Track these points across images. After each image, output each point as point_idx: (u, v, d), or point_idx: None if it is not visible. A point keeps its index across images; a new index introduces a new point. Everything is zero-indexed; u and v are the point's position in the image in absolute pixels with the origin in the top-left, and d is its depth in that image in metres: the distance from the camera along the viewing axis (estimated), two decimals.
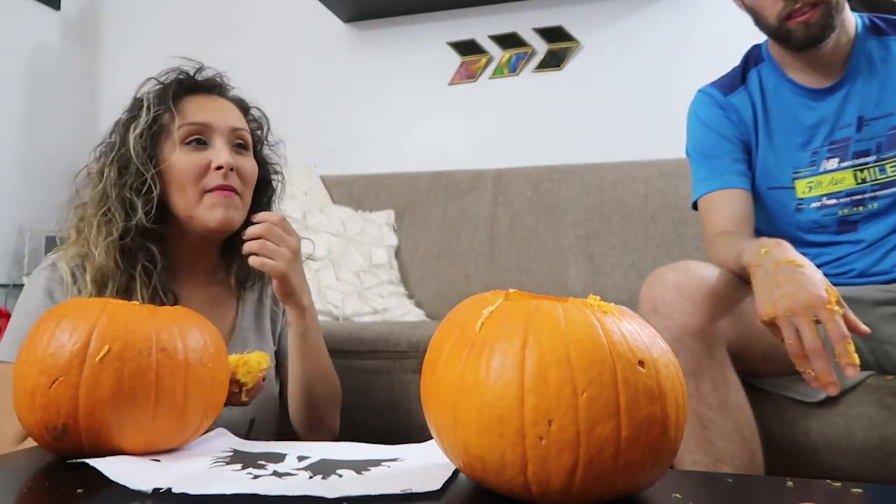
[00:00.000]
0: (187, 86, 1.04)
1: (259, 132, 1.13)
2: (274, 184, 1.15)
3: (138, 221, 0.95)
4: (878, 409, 1.06)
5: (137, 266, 0.95)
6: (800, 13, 1.14)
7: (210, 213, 0.98)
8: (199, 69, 1.07)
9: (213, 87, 1.08)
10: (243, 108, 1.10)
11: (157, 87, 1.03)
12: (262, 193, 1.11)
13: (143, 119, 0.99)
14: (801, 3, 1.13)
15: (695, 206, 1.31)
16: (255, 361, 0.86)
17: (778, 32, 1.19)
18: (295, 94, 2.45)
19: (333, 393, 1.08)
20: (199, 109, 1.02)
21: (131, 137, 0.98)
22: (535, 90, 2.22)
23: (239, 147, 1.03)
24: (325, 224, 1.94)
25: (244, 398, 0.85)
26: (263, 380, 0.89)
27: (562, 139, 2.16)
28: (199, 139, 1.00)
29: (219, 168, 0.98)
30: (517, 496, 0.54)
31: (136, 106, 1.02)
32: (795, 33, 1.16)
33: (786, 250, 0.96)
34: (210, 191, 0.98)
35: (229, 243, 1.07)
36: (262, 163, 1.12)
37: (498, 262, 1.90)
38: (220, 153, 0.99)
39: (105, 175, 0.99)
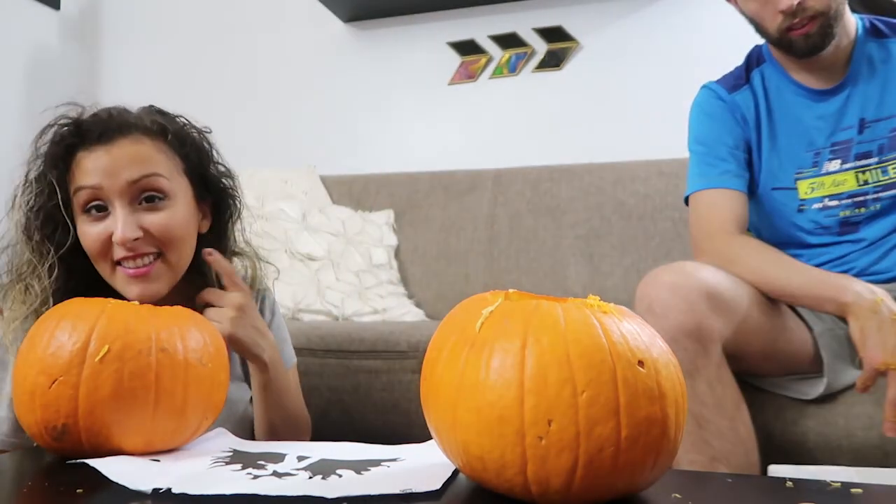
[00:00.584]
0: (72, 142, 0.90)
1: (196, 153, 0.97)
2: (231, 203, 1.02)
3: (49, 296, 0.86)
4: (878, 409, 1.06)
5: None
6: (799, 26, 1.15)
7: (126, 288, 0.88)
8: (82, 113, 0.93)
9: (106, 132, 0.90)
10: (161, 133, 0.93)
11: (43, 149, 0.92)
12: (219, 219, 1.01)
13: (25, 199, 0.90)
14: (800, 17, 1.15)
15: (687, 200, 1.30)
16: None
17: (779, 43, 1.21)
18: (295, 94, 2.45)
19: (301, 430, 1.02)
20: (90, 169, 0.88)
21: (16, 221, 0.90)
22: (535, 90, 2.22)
23: (151, 199, 0.89)
24: (325, 224, 1.94)
25: None
26: None
27: (561, 139, 2.16)
28: (99, 205, 0.88)
29: (123, 241, 0.86)
30: (517, 496, 0.54)
31: (40, 170, 0.91)
32: (796, 44, 1.18)
33: None
34: (120, 263, 0.88)
35: (194, 275, 0.98)
36: (210, 185, 0.99)
37: (498, 262, 1.90)
38: (118, 223, 0.86)
39: (16, 249, 0.91)
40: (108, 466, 0.62)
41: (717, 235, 1.20)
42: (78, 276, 0.91)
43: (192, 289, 0.97)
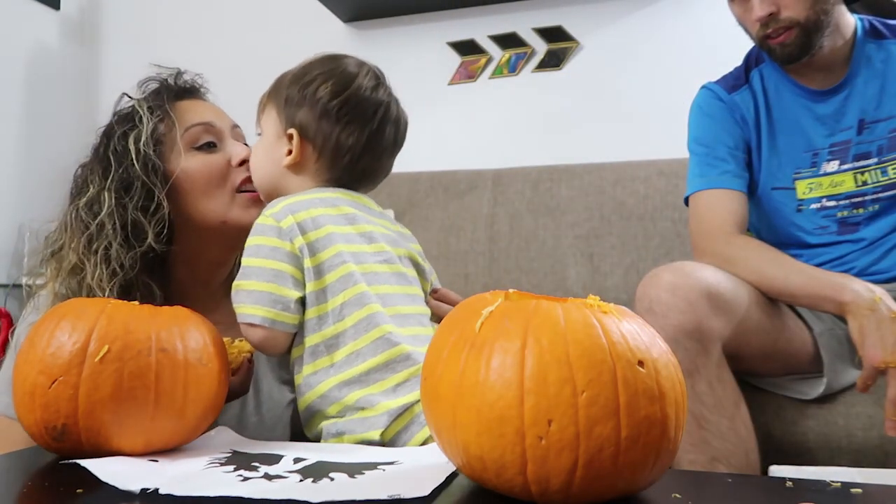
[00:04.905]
0: (175, 91, 1.00)
1: None
2: None
3: (147, 248, 0.86)
4: (878, 409, 1.06)
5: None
6: (775, 35, 1.16)
7: (247, 212, 0.93)
8: (179, 73, 1.02)
9: (197, 90, 1.03)
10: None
11: (146, 93, 0.97)
12: None
13: (145, 127, 0.91)
14: (774, 27, 1.16)
15: (687, 200, 1.30)
16: (236, 343, 0.85)
17: (762, 48, 1.23)
18: None
19: None
20: (196, 112, 0.97)
21: (133, 149, 0.89)
22: (535, 90, 2.22)
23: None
24: None
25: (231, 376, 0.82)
26: (250, 362, 0.87)
27: (561, 139, 2.16)
28: (210, 141, 0.95)
29: (241, 163, 0.94)
30: (517, 496, 0.54)
31: (128, 116, 0.94)
32: (774, 52, 1.20)
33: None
34: (240, 189, 0.94)
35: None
36: None
37: (498, 262, 1.90)
38: (236, 149, 0.95)
39: (104, 201, 0.88)
40: (101, 466, 0.62)
41: (716, 236, 1.20)
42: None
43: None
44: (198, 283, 0.98)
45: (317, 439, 0.84)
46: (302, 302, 0.83)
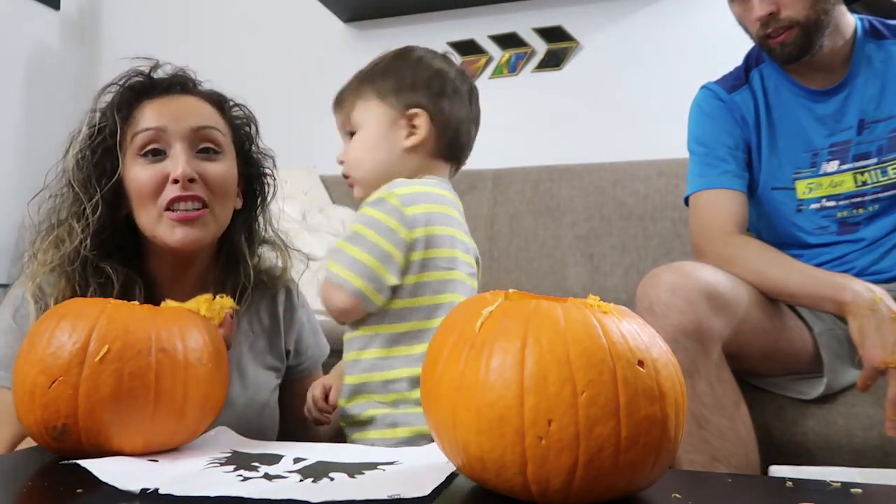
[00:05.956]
0: (141, 89, 0.94)
1: (246, 129, 1.03)
2: (266, 187, 1.06)
3: (79, 247, 0.87)
4: (878, 409, 1.06)
5: (88, 292, 0.87)
6: (775, 35, 1.16)
7: (170, 233, 0.89)
8: (155, 66, 0.97)
9: (173, 86, 0.96)
10: (218, 102, 1.00)
11: (108, 95, 0.94)
12: (253, 199, 1.04)
13: (83, 135, 0.91)
14: (774, 27, 1.15)
15: (687, 200, 1.30)
16: (218, 300, 0.85)
17: (762, 48, 1.23)
18: (295, 94, 2.45)
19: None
20: (155, 113, 0.91)
21: (69, 157, 0.91)
22: (535, 90, 2.22)
23: (206, 151, 0.92)
24: (325, 224, 1.94)
25: None
26: (232, 318, 0.86)
27: (561, 139, 2.16)
28: (156, 149, 0.90)
29: (176, 181, 0.88)
30: (517, 496, 0.54)
31: (95, 116, 0.93)
32: (774, 52, 1.20)
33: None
34: (169, 208, 0.88)
35: (225, 254, 1.00)
36: (251, 163, 1.03)
37: (498, 262, 1.90)
38: (176, 162, 0.88)
39: (57, 199, 0.92)
40: (100, 467, 0.62)
41: (716, 236, 1.20)
42: (113, 236, 0.91)
43: (219, 272, 0.99)
44: (165, 279, 0.96)
45: (356, 414, 0.86)
46: (392, 289, 0.86)
